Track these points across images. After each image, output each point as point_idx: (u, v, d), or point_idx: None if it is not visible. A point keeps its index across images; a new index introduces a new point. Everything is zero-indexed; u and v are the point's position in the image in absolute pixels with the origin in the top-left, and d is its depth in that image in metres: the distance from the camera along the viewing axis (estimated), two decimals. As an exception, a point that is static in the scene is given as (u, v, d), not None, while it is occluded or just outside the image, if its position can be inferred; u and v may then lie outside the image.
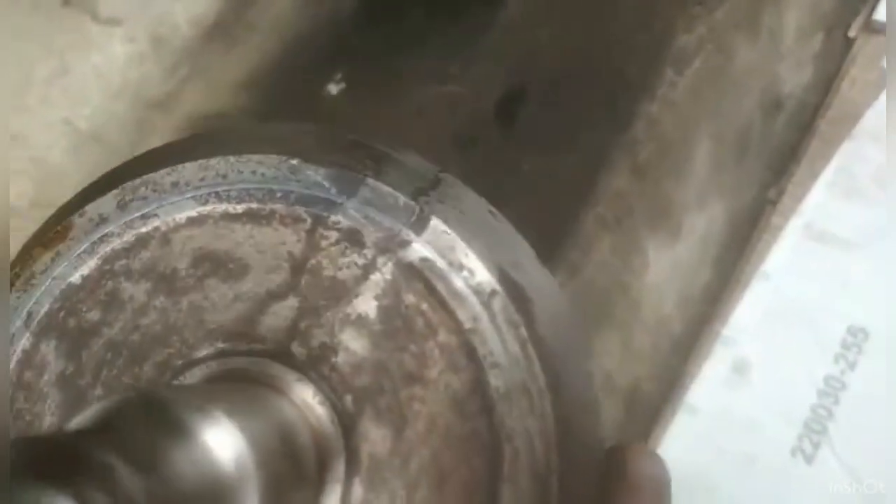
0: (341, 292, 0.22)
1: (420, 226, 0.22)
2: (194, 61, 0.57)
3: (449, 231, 0.22)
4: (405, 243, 0.22)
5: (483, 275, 0.22)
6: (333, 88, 0.54)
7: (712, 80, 0.51)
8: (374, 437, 0.21)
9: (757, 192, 0.54)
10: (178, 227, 0.23)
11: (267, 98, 0.53)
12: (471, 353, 0.21)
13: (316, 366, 0.22)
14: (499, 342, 0.21)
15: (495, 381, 0.21)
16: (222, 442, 0.16)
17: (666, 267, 0.51)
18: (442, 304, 0.22)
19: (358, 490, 0.21)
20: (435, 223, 0.22)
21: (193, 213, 0.23)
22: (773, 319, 0.52)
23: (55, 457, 0.13)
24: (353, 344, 0.22)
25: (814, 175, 0.55)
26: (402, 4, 0.52)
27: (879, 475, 0.48)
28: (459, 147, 0.48)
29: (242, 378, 0.22)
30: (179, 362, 0.23)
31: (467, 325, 0.22)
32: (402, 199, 0.23)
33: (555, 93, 0.49)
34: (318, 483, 0.21)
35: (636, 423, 0.51)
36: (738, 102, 0.53)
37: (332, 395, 0.22)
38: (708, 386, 0.52)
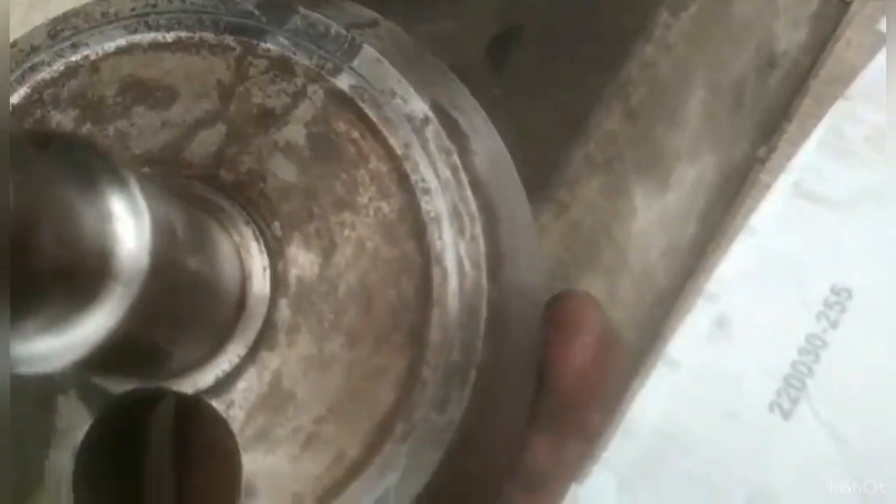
0: (270, 120, 0.22)
1: (351, 53, 0.22)
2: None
3: (381, 59, 0.22)
4: (336, 70, 0.22)
5: (416, 103, 0.22)
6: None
7: (708, 27, 0.51)
8: (302, 261, 0.22)
9: (748, 148, 0.54)
10: (107, 56, 0.23)
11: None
12: (402, 179, 0.22)
13: (243, 191, 0.22)
14: (430, 168, 0.22)
15: (426, 205, 0.21)
16: (121, 196, 0.16)
17: (653, 216, 0.51)
18: (373, 132, 0.22)
19: (285, 312, 0.21)
20: (367, 50, 0.22)
21: (123, 42, 0.23)
22: (758, 275, 0.53)
23: None
24: (282, 171, 0.22)
25: (805, 134, 0.55)
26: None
27: (856, 433, 0.49)
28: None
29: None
30: None
31: (399, 151, 0.22)
32: (335, 27, 0.23)
33: (548, 31, 0.48)
34: (242, 300, 0.21)
35: (616, 372, 0.51)
36: (733, 54, 0.53)
37: (259, 220, 0.22)
38: (689, 339, 0.52)
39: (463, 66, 0.52)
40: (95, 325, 0.16)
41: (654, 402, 0.51)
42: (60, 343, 0.16)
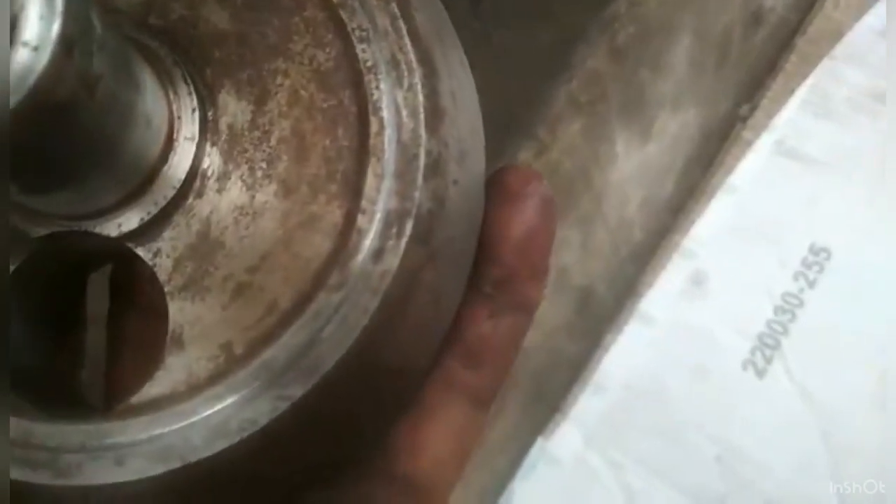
0: None
1: None
2: None
3: None
4: None
5: None
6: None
7: (698, -29, 0.51)
8: (234, 109, 0.21)
9: (731, 104, 0.54)
10: None
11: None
12: (338, 27, 0.21)
13: (173, 36, 0.22)
14: (366, 15, 0.21)
15: (363, 54, 0.21)
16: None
17: (634, 166, 0.50)
18: None
19: (216, 160, 0.21)
20: None
21: None
22: (736, 233, 0.52)
23: None
24: (214, 16, 0.22)
25: (789, 92, 0.55)
26: None
27: (828, 393, 0.48)
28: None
29: None
30: None
31: None
32: None
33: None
34: (169, 142, 0.21)
35: (588, 325, 0.50)
36: (720, 5, 0.52)
37: (189, 66, 0.22)
38: (664, 296, 0.51)
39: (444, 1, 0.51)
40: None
41: (627, 358, 0.50)
42: None
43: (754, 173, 0.54)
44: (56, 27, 0.16)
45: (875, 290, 0.50)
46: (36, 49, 0.16)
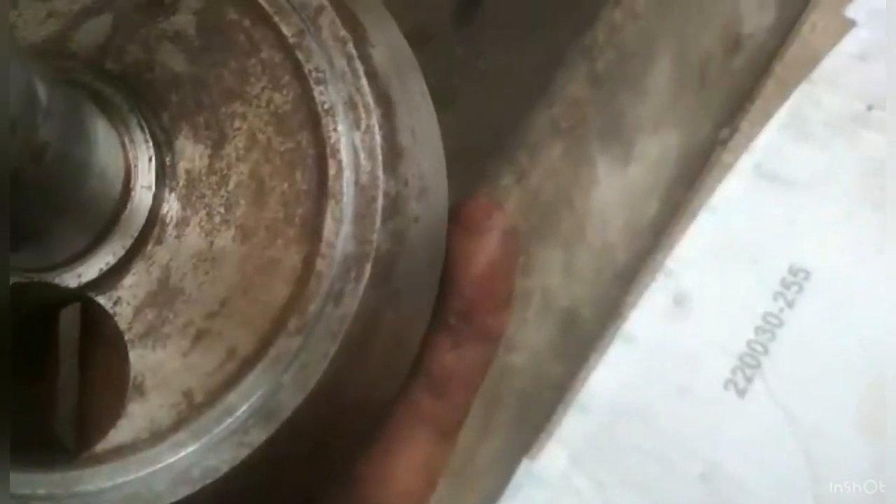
0: (158, 9, 0.22)
1: None
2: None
3: None
4: None
5: None
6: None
7: (677, -1, 0.52)
8: (191, 153, 0.21)
9: (711, 127, 0.55)
10: None
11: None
12: (295, 68, 0.21)
13: (129, 82, 0.22)
14: (324, 57, 0.21)
15: (320, 96, 0.21)
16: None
17: (615, 189, 0.51)
18: (265, 20, 0.21)
19: (174, 206, 0.21)
20: None
21: None
22: (717, 254, 0.53)
23: None
24: (170, 60, 0.22)
25: (767, 115, 0.56)
26: None
27: (809, 413, 0.49)
28: (413, 45, 0.47)
29: None
30: None
31: (292, 39, 0.21)
32: None
33: (516, -8, 0.49)
34: (126, 192, 0.21)
35: (572, 346, 0.51)
36: (699, 29, 0.54)
37: (145, 110, 0.22)
38: (647, 316, 0.52)
39: (428, 24, 0.53)
40: None
41: (611, 378, 0.51)
42: None
43: (734, 195, 0.55)
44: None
45: (853, 309, 0.51)
46: None
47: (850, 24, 0.58)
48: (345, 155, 0.21)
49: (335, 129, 0.21)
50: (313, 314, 0.20)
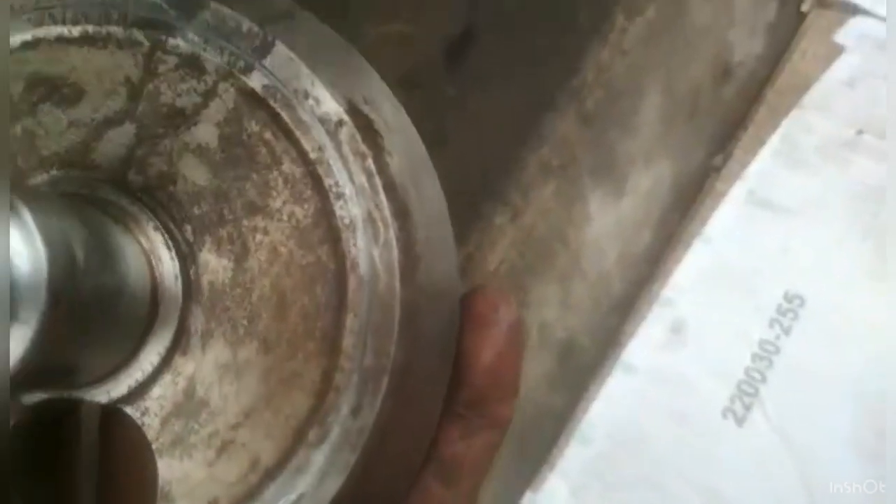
0: (180, 120, 0.22)
1: (263, 51, 0.22)
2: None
3: (294, 57, 0.22)
4: (247, 69, 0.22)
5: (330, 104, 0.22)
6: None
7: (664, 31, 0.53)
8: (215, 266, 0.22)
9: (703, 156, 0.56)
10: (12, 51, 0.23)
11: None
12: (316, 183, 0.22)
13: (153, 194, 0.22)
14: (345, 172, 0.22)
15: (340, 211, 0.21)
16: (15, 232, 0.17)
17: (609, 222, 0.52)
18: (286, 133, 0.22)
19: (199, 318, 0.22)
20: (280, 48, 0.22)
21: (28, 37, 0.23)
22: (712, 282, 0.54)
23: None
24: (193, 173, 0.22)
25: (759, 142, 0.57)
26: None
27: (808, 439, 0.50)
28: (406, 87, 0.48)
29: (74, 200, 0.22)
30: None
31: (312, 154, 0.22)
32: (247, 23, 0.22)
33: (505, 34, 0.50)
34: (154, 308, 0.22)
35: (570, 376, 0.52)
36: (688, 62, 0.55)
37: (169, 224, 0.22)
38: (645, 345, 0.53)
39: (421, 67, 0.54)
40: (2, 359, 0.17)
41: (610, 408, 0.52)
42: None
43: (728, 223, 0.56)
44: (43, 305, 0.17)
45: (848, 334, 0.52)
46: (28, 323, 0.17)
47: (839, 50, 0.59)
48: (364, 269, 0.21)
49: (355, 245, 0.21)
50: (333, 426, 0.21)
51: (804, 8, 0.61)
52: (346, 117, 0.22)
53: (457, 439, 0.24)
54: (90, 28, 0.22)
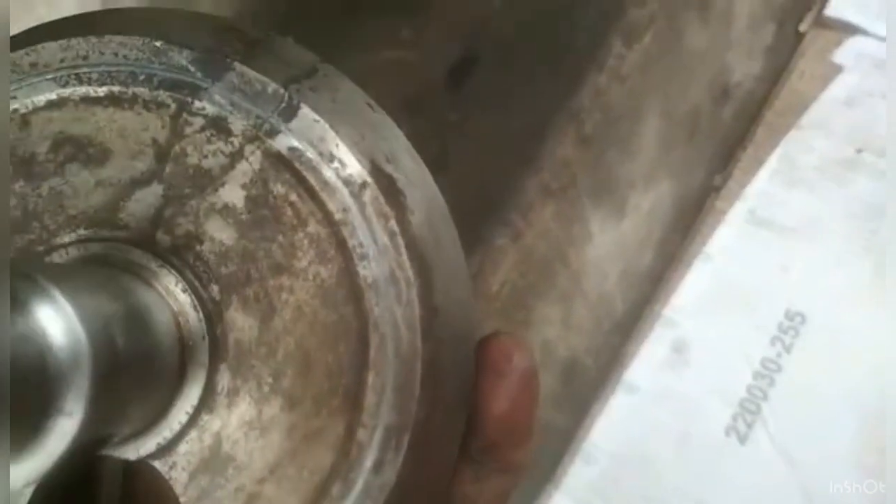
0: (207, 181, 0.23)
1: (289, 114, 0.23)
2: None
3: (319, 119, 0.23)
4: (273, 132, 0.22)
5: (354, 166, 0.22)
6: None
7: (661, 57, 0.54)
8: (241, 325, 0.22)
9: (704, 176, 0.57)
10: (37, 110, 0.23)
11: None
12: (340, 244, 0.22)
13: (180, 254, 0.22)
14: (368, 233, 0.22)
15: (364, 271, 0.22)
16: (56, 321, 0.17)
17: (610, 243, 0.53)
18: (312, 195, 0.22)
19: (225, 376, 0.22)
20: (305, 111, 0.23)
21: (53, 96, 0.23)
22: (714, 301, 0.55)
23: None
24: (220, 233, 0.22)
25: (759, 162, 0.58)
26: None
27: (810, 457, 0.51)
28: (409, 111, 0.50)
29: (103, 263, 0.22)
30: (40, 248, 0.23)
31: (337, 216, 0.22)
32: (272, 86, 0.23)
33: (504, 59, 0.51)
34: (182, 368, 0.22)
35: (573, 396, 0.52)
36: (686, 84, 0.56)
37: (196, 284, 0.22)
38: (647, 364, 0.54)
39: (423, 92, 0.55)
40: (45, 454, 0.17)
41: (613, 427, 0.53)
42: (5, 478, 0.17)
43: (729, 242, 0.56)
44: (87, 392, 0.17)
45: (849, 351, 0.52)
46: (73, 415, 0.17)
47: (837, 70, 0.60)
48: (386, 328, 0.22)
49: (377, 304, 0.22)
50: (356, 482, 0.21)
51: (802, 28, 0.62)
52: (369, 179, 0.22)
53: (469, 482, 0.24)
54: (116, 88, 0.23)
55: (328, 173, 0.22)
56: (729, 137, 0.58)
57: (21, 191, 0.23)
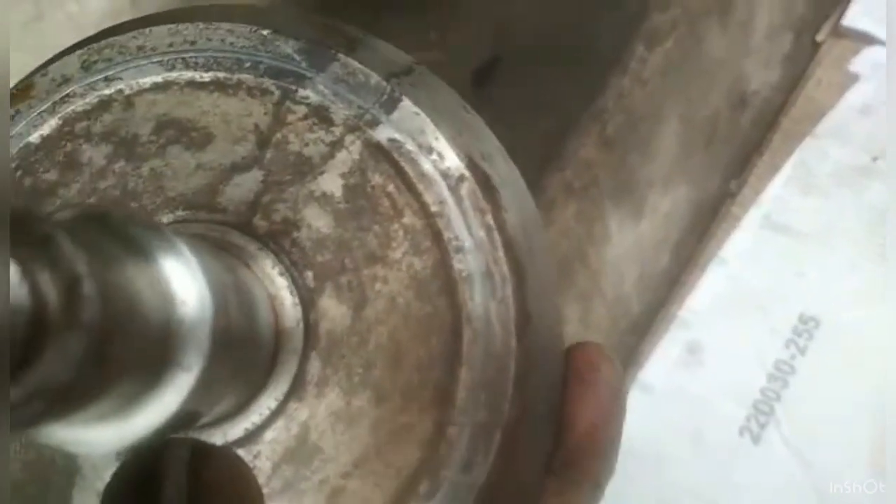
0: (306, 168, 0.23)
1: (390, 105, 0.23)
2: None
3: (420, 112, 0.23)
4: (374, 122, 0.23)
5: (452, 160, 0.22)
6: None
7: (682, 62, 0.55)
8: (334, 314, 0.22)
9: (720, 181, 0.58)
10: (141, 92, 0.23)
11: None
12: (436, 236, 0.22)
13: (277, 239, 0.22)
14: (464, 227, 0.22)
15: (458, 264, 0.22)
16: (182, 274, 0.17)
17: (628, 243, 0.54)
18: (409, 186, 0.22)
19: (315, 364, 0.22)
20: (406, 104, 0.23)
21: (158, 79, 0.23)
22: (729, 304, 0.56)
23: (14, 224, 0.14)
24: (317, 221, 0.22)
25: (774, 169, 0.59)
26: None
27: (823, 458, 0.51)
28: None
29: (203, 241, 0.22)
30: None
31: (433, 208, 0.22)
32: (374, 77, 0.23)
33: (529, 62, 0.52)
34: (274, 352, 0.22)
35: (589, 395, 0.53)
36: (706, 90, 0.57)
37: (292, 270, 0.22)
38: (662, 365, 0.55)
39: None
40: (159, 408, 0.17)
41: (628, 426, 0.53)
42: (118, 431, 0.17)
43: (744, 246, 0.57)
44: (207, 334, 0.17)
45: (861, 354, 0.53)
46: (190, 370, 0.17)
47: (853, 78, 0.61)
48: (480, 324, 0.21)
49: (471, 298, 0.21)
50: (444, 480, 0.21)
51: (819, 38, 0.63)
52: (466, 172, 0.22)
53: (552, 495, 0.24)
54: (221, 74, 0.23)
55: (426, 165, 0.22)
56: (746, 143, 0.59)
57: (121, 170, 0.23)
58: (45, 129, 0.23)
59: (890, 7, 0.58)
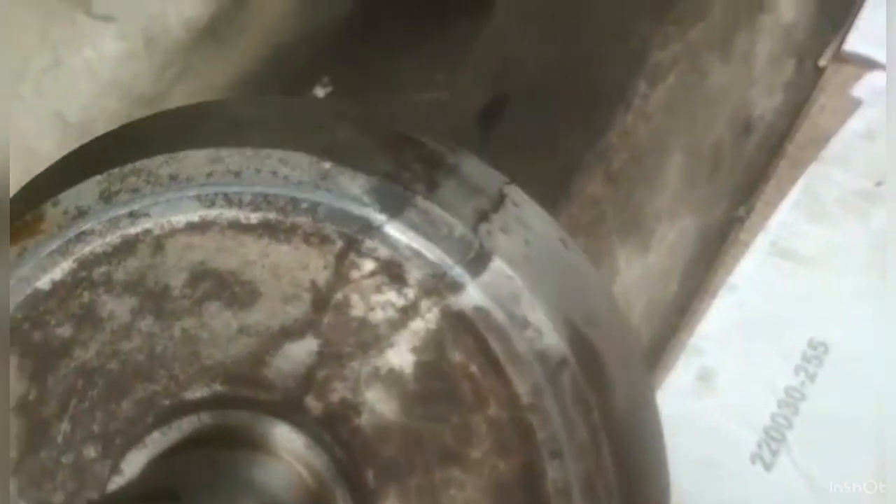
0: (372, 339, 0.19)
1: (478, 265, 0.19)
2: (185, 62, 0.60)
3: (513, 274, 0.19)
4: (457, 286, 0.19)
5: (551, 336, 0.19)
6: (320, 91, 0.58)
7: (685, 96, 0.56)
8: None
9: (726, 208, 0.58)
10: (174, 232, 0.19)
11: (253, 95, 0.56)
12: (527, 433, 0.18)
13: (332, 427, 0.19)
14: (562, 426, 0.18)
15: (554, 472, 0.18)
16: None
17: (636, 275, 0.55)
18: (496, 369, 0.19)
19: None
20: (497, 264, 0.19)
21: (195, 218, 0.19)
22: (738, 330, 0.56)
23: None
24: (382, 405, 0.19)
25: (781, 195, 0.59)
26: (392, 12, 0.57)
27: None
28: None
29: (239, 440, 0.19)
30: (166, 402, 0.19)
31: (526, 399, 0.19)
32: (459, 227, 0.19)
33: (534, 100, 0.53)
34: None
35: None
36: (709, 121, 0.58)
37: (349, 467, 0.19)
38: (673, 393, 0.55)
39: (456, 131, 0.57)
40: None
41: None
42: None
43: (752, 273, 0.58)
44: None
45: (871, 379, 0.53)
46: None
47: (856, 103, 0.61)
48: None
49: None
50: None
51: (822, 63, 0.63)
52: (569, 353, 0.19)
53: None
54: (272, 216, 0.19)
55: (519, 343, 0.19)
56: (752, 170, 0.60)
57: (148, 330, 0.20)
58: (58, 273, 0.19)
59: (890, 31, 0.59)
